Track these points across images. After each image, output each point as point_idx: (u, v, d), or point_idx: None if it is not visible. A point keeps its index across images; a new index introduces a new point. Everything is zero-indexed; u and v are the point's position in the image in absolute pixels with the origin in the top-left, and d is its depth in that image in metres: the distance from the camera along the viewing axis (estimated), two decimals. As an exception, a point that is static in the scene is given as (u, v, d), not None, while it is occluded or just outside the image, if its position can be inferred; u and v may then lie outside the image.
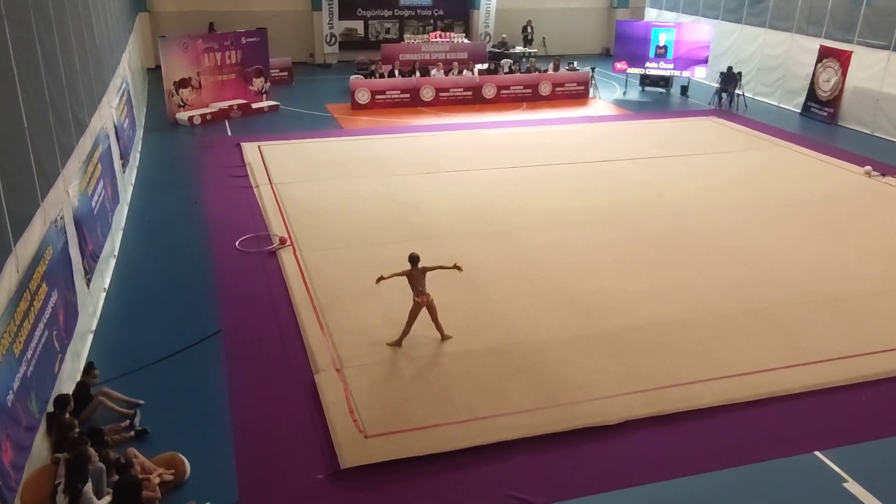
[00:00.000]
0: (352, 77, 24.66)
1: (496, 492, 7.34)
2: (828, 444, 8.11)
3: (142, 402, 8.53)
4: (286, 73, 27.04)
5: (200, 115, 21.32)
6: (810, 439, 8.18)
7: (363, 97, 23.56)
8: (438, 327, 9.90)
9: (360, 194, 15.48)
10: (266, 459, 7.75)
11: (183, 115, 21.16)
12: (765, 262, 12.50)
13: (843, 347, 9.93)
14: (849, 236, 13.69)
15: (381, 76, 24.50)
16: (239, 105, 22.29)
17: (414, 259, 9.78)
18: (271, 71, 24.37)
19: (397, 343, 9.78)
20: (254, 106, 22.71)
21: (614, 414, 8.46)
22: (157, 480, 7.15)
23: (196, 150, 18.93)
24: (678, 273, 12.09)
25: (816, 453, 7.98)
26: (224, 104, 22.06)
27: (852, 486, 7.49)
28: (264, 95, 23.51)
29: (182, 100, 21.45)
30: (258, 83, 23.37)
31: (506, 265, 12.23)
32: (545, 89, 25.37)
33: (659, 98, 26.48)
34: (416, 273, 9.72)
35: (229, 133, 20.52)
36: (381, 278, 9.77)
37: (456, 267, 9.93)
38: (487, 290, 11.34)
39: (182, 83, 21.36)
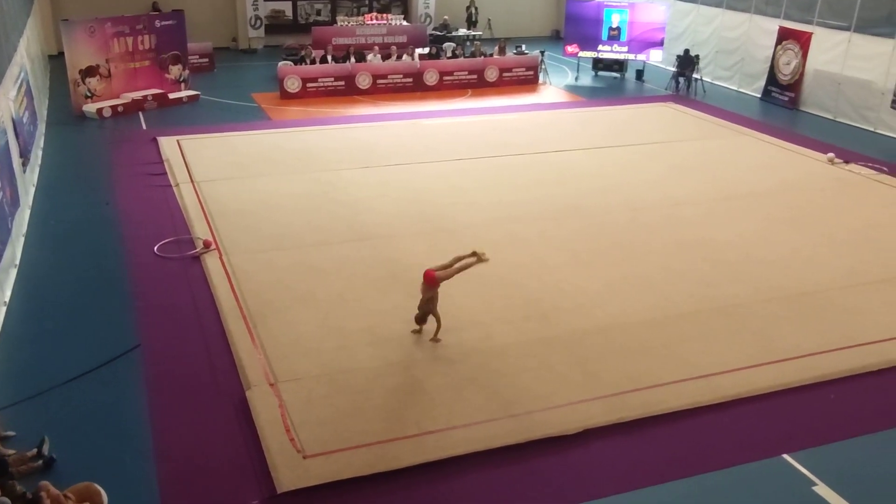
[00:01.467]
0: (280, 63, 24.44)
1: (448, 512, 7.37)
2: (796, 446, 8.36)
3: (12, 433, 8.19)
4: (206, 60, 26.65)
5: (111, 107, 20.87)
6: (778, 442, 8.42)
7: (293, 85, 23.37)
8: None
9: (292, 192, 15.35)
10: (193, 486, 7.62)
11: (91, 107, 20.68)
12: (728, 257, 12.83)
13: (811, 344, 10.25)
14: (814, 228, 14.14)
15: (313, 62, 24.34)
16: (154, 95, 21.89)
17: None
18: (190, 57, 23.98)
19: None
20: (171, 96, 22.33)
21: (574, 423, 8.56)
22: (70, 515, 6.96)
23: (106, 145, 18.50)
24: (638, 270, 12.31)
25: (785, 456, 8.21)
26: (137, 94, 21.63)
27: (821, 489, 7.74)
28: (183, 84, 23.14)
29: (89, 90, 20.94)
30: (175, 71, 22.98)
31: (453, 266, 12.26)
32: (491, 75, 25.56)
33: (613, 83, 26.93)
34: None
35: (144, 126, 20.15)
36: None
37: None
38: (434, 294, 11.35)
39: (89, 71, 20.84)
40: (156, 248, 12.79)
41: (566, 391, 9.13)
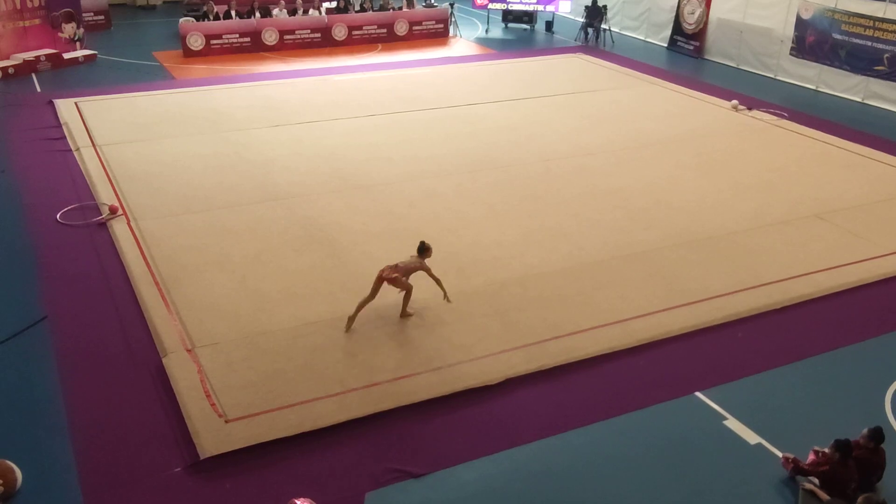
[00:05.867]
0: (181, 20, 23.60)
1: (375, 467, 7.42)
2: (707, 383, 8.72)
3: None
4: (102, 17, 25.63)
5: (0, 69, 19.84)
6: (690, 380, 8.76)
7: (196, 43, 22.63)
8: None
9: (201, 153, 14.94)
10: (113, 458, 7.45)
11: (-22, 70, 19.67)
12: (639, 204, 13.14)
13: (719, 286, 10.65)
14: (720, 173, 14.60)
15: (216, 18, 23.57)
16: (48, 56, 20.90)
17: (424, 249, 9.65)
18: (84, 15, 22.99)
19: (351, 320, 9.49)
20: (66, 56, 21.38)
21: (495, 373, 8.71)
22: (-18, 495, 6.76)
23: (-2, 110, 17.64)
24: (553, 220, 12.49)
25: (697, 394, 8.56)
26: (29, 55, 20.63)
27: (732, 423, 8.11)
28: (78, 43, 22.17)
29: (-25, 51, 19.89)
30: (69, 29, 21.97)
31: (370, 223, 12.21)
32: (401, 29, 25.27)
33: (523, 35, 26.99)
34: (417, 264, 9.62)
35: (38, 89, 19.23)
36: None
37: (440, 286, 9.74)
38: (352, 252, 11.30)
39: (-26, 32, 19.78)
40: (58, 215, 12.30)
41: (487, 342, 9.26)
